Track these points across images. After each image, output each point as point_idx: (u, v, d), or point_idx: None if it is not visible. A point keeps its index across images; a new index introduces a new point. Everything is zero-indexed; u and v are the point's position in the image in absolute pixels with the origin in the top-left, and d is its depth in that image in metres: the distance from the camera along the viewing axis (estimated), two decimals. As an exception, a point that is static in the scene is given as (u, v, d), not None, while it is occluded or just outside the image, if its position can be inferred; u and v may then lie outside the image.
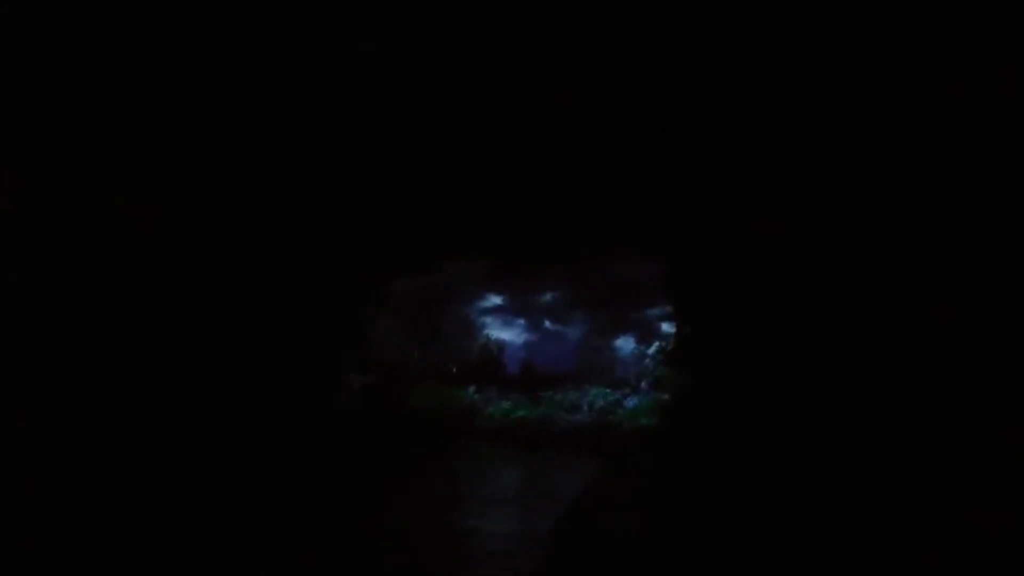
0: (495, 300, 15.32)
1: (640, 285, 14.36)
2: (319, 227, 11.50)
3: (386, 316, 13.96)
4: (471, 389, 14.50)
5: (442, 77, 9.74)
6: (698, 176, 8.89)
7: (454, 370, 14.73)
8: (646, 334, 14.43)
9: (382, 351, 13.90)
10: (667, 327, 13.99)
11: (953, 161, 7.70)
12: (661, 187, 9.46)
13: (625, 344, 14.58)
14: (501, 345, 15.11)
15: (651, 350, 14.05)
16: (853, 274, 8.22)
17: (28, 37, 8.32)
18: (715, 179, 8.75)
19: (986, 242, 7.62)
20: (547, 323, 15.10)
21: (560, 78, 9.21)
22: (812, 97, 8.14)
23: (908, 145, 7.92)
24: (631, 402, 13.61)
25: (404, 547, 7.86)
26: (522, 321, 15.19)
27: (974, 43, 7.36)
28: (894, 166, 7.99)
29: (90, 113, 8.88)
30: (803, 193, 8.51)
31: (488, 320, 15.32)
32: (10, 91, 8.45)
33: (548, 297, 15.10)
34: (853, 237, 8.28)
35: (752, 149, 8.77)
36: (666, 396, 13.23)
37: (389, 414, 12.97)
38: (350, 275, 11.86)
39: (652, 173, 9.43)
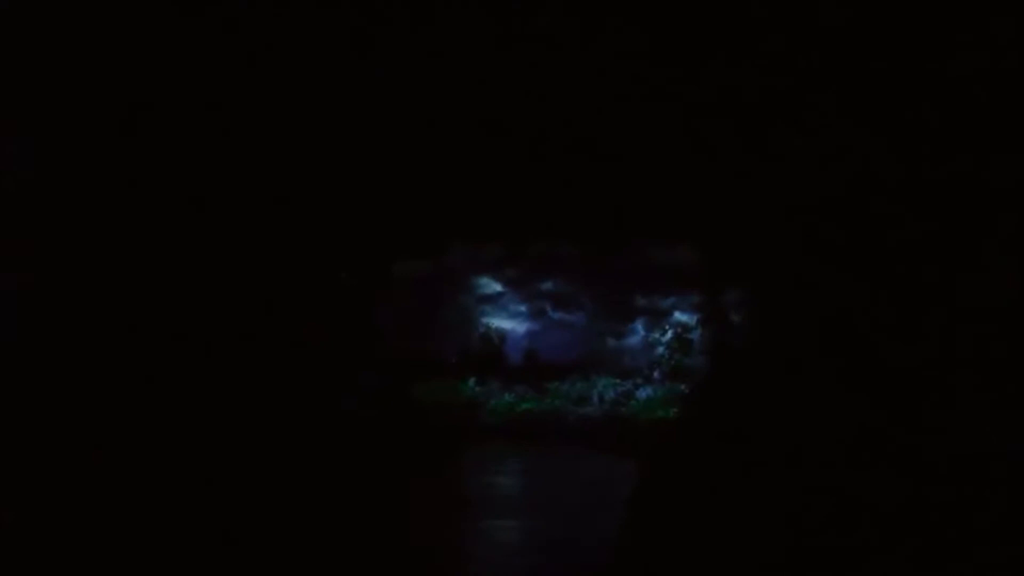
0: (495, 287, 14.52)
1: (648, 271, 13.70)
2: (315, 209, 10.72)
3: (387, 306, 13.20)
4: (471, 381, 13.75)
5: (457, 53, 9.02)
6: (738, 160, 8.37)
7: (453, 361, 13.96)
8: (656, 322, 13.75)
9: (384, 344, 13.13)
10: (681, 315, 13.34)
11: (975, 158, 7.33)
12: (701, 169, 8.89)
13: (634, 332, 13.89)
14: (502, 334, 14.33)
15: (665, 338, 13.37)
16: (886, 267, 7.79)
17: (30, 37, 7.87)
18: (753, 165, 8.24)
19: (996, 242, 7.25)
20: (550, 311, 14.35)
21: (584, 57, 8.57)
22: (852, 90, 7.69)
23: (945, 137, 7.50)
24: (644, 393, 12.94)
25: (420, 552, 7.16)
26: (523, 309, 14.41)
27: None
28: (933, 158, 7.58)
29: (77, 107, 8.32)
30: (837, 183, 8.06)
31: (487, 308, 14.53)
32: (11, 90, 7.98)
33: (550, 284, 14.34)
34: (887, 231, 7.86)
35: (782, 138, 8.30)
36: (682, 386, 12.61)
37: (396, 412, 12.26)
38: (351, 260, 11.09)
39: (697, 156, 8.85)
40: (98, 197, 8.63)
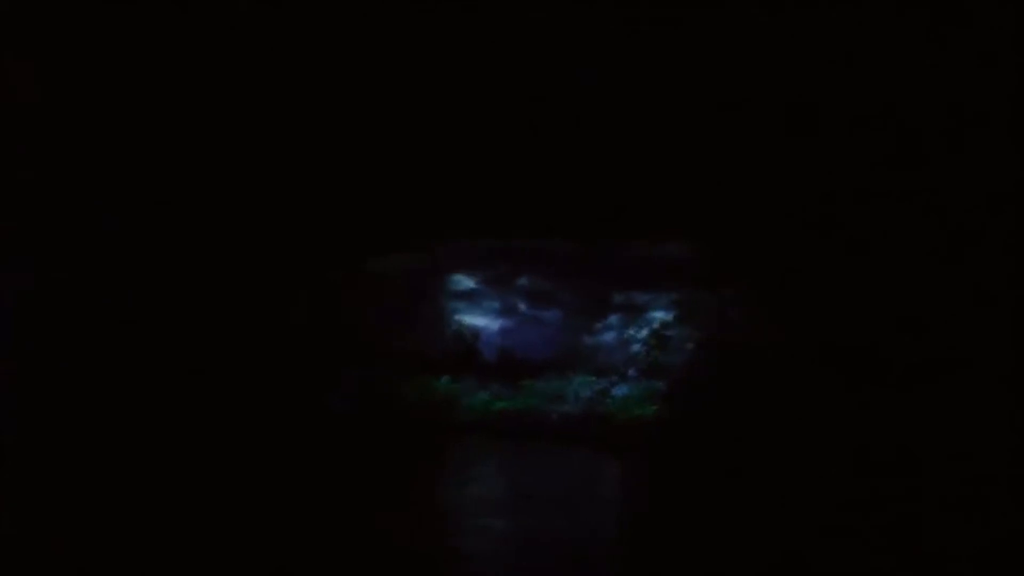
0: (467, 283, 14.34)
1: (624, 266, 13.62)
2: (291, 204, 10.45)
3: (363, 302, 12.95)
4: (445, 379, 13.57)
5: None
6: (741, 156, 8.34)
7: (428, 359, 13.77)
8: (632, 318, 13.69)
9: (362, 341, 12.87)
10: (658, 312, 13.29)
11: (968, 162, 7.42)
12: (704, 164, 8.82)
13: (609, 329, 13.81)
14: (475, 332, 14.16)
15: (641, 335, 13.31)
16: (887, 265, 7.83)
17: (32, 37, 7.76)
18: (757, 162, 8.22)
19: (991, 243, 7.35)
20: (524, 307, 14.21)
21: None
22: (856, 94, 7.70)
23: (941, 139, 7.57)
24: (620, 391, 12.88)
25: (405, 552, 7.02)
26: (497, 306, 14.24)
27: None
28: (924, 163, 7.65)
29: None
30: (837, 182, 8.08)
31: (460, 305, 14.33)
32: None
33: (525, 280, 14.19)
34: (887, 231, 7.90)
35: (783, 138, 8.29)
36: (660, 384, 12.59)
37: (383, 409, 12.05)
38: (328, 255, 10.81)
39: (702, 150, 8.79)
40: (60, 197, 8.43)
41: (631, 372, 13.25)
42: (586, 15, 8.32)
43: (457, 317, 14.24)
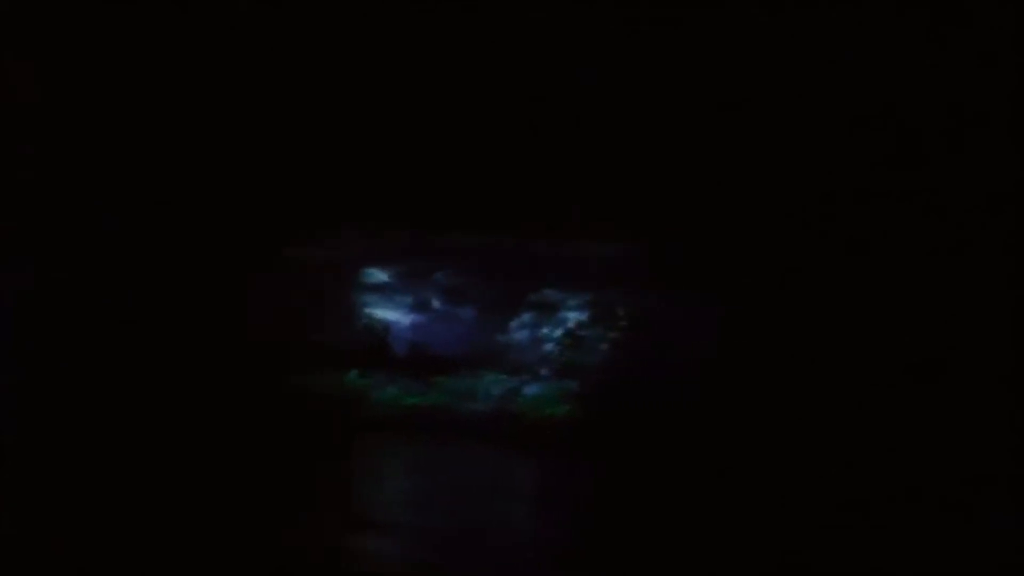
0: (380, 276, 14.10)
1: (540, 264, 13.58)
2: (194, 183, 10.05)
3: (271, 294, 12.61)
4: (353, 373, 13.33)
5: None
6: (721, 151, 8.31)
7: (337, 352, 13.49)
8: (546, 317, 13.66)
9: (267, 334, 12.51)
10: (572, 312, 13.29)
11: (948, 162, 7.62)
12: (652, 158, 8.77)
13: (522, 327, 13.75)
14: (386, 326, 13.94)
15: (555, 334, 13.30)
16: (881, 265, 7.96)
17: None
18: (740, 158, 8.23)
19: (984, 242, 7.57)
20: (437, 303, 14.04)
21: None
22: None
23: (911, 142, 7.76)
24: (532, 390, 12.84)
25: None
26: (410, 300, 14.04)
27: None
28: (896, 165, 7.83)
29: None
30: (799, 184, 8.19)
31: (372, 298, 14.08)
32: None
33: (439, 275, 14.03)
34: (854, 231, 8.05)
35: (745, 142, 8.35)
36: (574, 384, 12.62)
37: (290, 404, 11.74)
38: (234, 243, 10.44)
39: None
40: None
41: (544, 371, 13.23)
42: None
43: (368, 311, 14.00)
